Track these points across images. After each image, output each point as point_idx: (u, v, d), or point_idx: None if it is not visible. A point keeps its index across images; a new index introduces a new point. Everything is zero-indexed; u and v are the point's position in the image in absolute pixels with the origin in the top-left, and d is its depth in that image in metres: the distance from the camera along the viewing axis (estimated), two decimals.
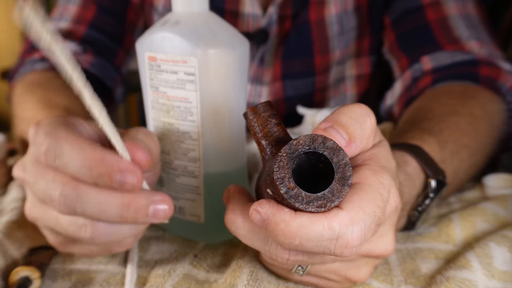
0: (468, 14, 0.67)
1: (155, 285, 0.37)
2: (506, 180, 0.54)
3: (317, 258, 0.31)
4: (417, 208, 0.44)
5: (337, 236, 0.27)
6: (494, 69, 0.61)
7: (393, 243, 0.33)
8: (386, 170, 0.32)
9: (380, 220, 0.29)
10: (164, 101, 0.41)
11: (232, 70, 0.40)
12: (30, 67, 0.70)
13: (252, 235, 0.31)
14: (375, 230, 0.29)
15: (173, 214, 0.45)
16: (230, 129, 0.42)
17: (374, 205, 0.29)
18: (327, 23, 0.72)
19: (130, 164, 0.30)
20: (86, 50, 0.71)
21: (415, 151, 0.44)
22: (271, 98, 0.77)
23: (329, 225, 0.27)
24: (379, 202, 0.29)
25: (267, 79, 0.76)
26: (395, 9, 0.71)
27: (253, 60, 0.75)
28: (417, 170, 0.43)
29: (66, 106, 0.58)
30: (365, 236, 0.28)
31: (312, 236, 0.27)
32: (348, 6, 0.72)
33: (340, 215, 0.28)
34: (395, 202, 0.32)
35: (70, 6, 0.74)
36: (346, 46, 0.75)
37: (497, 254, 0.39)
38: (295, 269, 0.33)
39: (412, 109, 0.59)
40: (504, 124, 0.59)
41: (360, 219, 0.28)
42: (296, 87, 0.76)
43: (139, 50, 0.42)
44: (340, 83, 0.79)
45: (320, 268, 0.34)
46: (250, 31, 0.72)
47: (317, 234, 0.27)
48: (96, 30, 0.73)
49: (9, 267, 0.40)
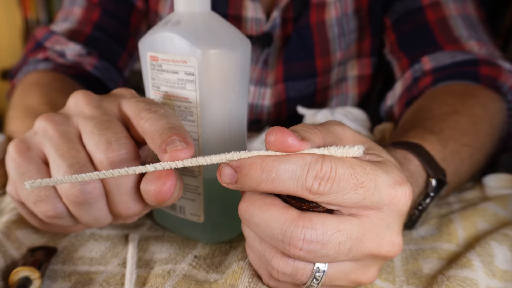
0: (467, 15, 0.67)
1: (155, 285, 0.37)
2: (506, 180, 0.54)
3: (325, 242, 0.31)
4: (418, 207, 0.44)
5: (309, 166, 0.29)
6: (495, 68, 0.61)
7: (399, 237, 0.33)
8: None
9: (359, 177, 0.30)
10: (165, 101, 0.41)
11: (232, 70, 0.40)
12: (33, 66, 0.70)
13: (267, 224, 0.31)
14: (352, 183, 0.30)
15: (173, 214, 0.45)
16: (230, 129, 0.42)
17: (352, 158, 0.31)
18: (327, 26, 0.73)
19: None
20: (90, 52, 0.71)
21: (416, 150, 0.44)
22: (274, 99, 0.77)
23: (302, 155, 0.30)
24: (357, 161, 0.31)
25: (271, 81, 0.76)
26: (395, 11, 0.72)
27: (257, 63, 0.75)
28: (419, 169, 0.44)
29: None
30: (336, 175, 0.29)
31: (287, 166, 0.30)
32: (348, 8, 0.73)
33: (313, 151, 0.30)
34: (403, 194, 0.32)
35: (75, 8, 0.75)
36: (347, 47, 0.75)
37: (498, 253, 0.39)
38: (310, 282, 0.33)
39: (413, 109, 0.59)
40: (505, 123, 0.59)
41: (333, 159, 0.30)
42: (298, 88, 0.77)
43: (141, 49, 0.42)
44: (341, 83, 0.80)
45: (334, 277, 0.33)
46: (253, 35, 0.73)
47: (291, 163, 0.30)
48: (101, 31, 0.74)
49: (9, 267, 0.40)
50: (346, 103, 0.82)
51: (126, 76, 0.79)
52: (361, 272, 0.33)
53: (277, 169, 0.30)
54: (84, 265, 0.41)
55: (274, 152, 0.31)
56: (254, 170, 0.30)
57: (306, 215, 0.30)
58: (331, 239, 0.30)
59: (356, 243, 0.31)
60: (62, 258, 0.42)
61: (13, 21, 2.40)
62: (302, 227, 0.30)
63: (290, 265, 0.32)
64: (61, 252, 0.43)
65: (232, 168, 0.31)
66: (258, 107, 0.79)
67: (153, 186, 0.34)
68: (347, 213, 0.32)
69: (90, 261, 0.42)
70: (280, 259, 0.32)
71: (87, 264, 0.41)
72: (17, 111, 0.61)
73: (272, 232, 0.31)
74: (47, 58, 0.70)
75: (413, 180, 0.42)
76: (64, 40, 0.71)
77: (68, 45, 0.71)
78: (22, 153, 0.37)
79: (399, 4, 0.71)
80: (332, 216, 0.31)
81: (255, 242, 0.34)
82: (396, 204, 0.32)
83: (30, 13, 2.35)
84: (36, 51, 0.72)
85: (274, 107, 0.78)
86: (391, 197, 0.31)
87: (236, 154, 0.31)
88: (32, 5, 2.34)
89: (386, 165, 0.32)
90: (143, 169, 0.33)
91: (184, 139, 0.33)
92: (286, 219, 0.30)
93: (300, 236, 0.30)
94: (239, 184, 0.31)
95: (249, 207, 0.32)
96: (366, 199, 0.31)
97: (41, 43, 0.72)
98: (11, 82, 0.74)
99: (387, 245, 0.32)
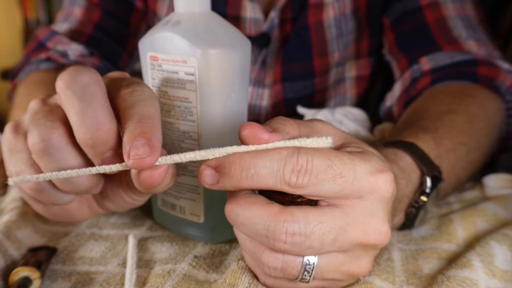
0: (466, 15, 0.67)
1: (155, 285, 0.37)
2: (506, 180, 0.54)
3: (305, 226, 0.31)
4: (414, 205, 0.44)
5: (285, 160, 0.30)
6: (493, 68, 0.61)
7: (386, 224, 0.33)
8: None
9: (336, 168, 0.30)
10: (165, 101, 0.41)
11: (232, 70, 0.40)
12: (35, 66, 0.70)
13: (251, 221, 0.32)
14: (330, 174, 0.30)
15: (173, 214, 0.45)
16: (230, 130, 0.42)
17: (328, 149, 0.31)
18: (325, 26, 0.73)
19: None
20: (92, 53, 0.72)
21: (409, 148, 0.44)
22: (272, 100, 0.77)
23: (278, 150, 0.31)
24: (333, 152, 0.31)
25: (269, 81, 0.76)
26: (394, 11, 0.72)
27: (255, 63, 0.75)
28: (411, 165, 0.43)
29: None
30: (314, 167, 0.30)
31: (264, 161, 0.30)
32: (346, 9, 0.73)
33: (288, 144, 0.31)
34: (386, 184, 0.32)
35: (75, 8, 0.76)
36: (345, 48, 0.75)
37: (498, 253, 0.39)
38: (302, 275, 0.33)
39: (410, 109, 0.59)
40: (503, 123, 0.59)
41: (308, 151, 0.30)
42: (296, 89, 0.76)
43: (141, 49, 0.42)
44: (340, 83, 0.80)
45: (325, 269, 0.33)
46: (252, 35, 0.73)
47: (268, 159, 0.30)
48: (101, 31, 0.74)
49: (9, 267, 0.40)
50: (344, 104, 0.82)
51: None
52: (352, 263, 0.33)
53: (255, 165, 0.30)
54: (84, 265, 0.41)
55: (247, 147, 0.31)
56: (234, 168, 0.31)
57: (288, 209, 0.31)
58: (313, 230, 0.31)
59: (340, 233, 0.31)
60: (62, 258, 0.42)
61: (13, 21, 2.40)
62: (284, 221, 0.31)
63: (280, 260, 0.33)
64: (61, 252, 0.43)
65: (212, 168, 0.32)
66: (256, 107, 0.79)
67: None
68: (329, 204, 0.32)
69: (90, 261, 0.42)
70: (269, 254, 0.33)
71: (87, 264, 0.41)
72: (20, 109, 0.61)
73: (256, 228, 0.32)
74: (49, 58, 0.71)
75: (404, 175, 0.42)
76: (67, 40, 0.71)
77: (71, 45, 0.71)
78: (13, 130, 0.37)
79: (398, 4, 0.71)
80: (314, 208, 0.31)
81: (246, 242, 0.34)
82: (378, 192, 0.32)
83: (30, 13, 2.35)
84: (38, 51, 0.72)
85: (272, 108, 0.78)
86: (372, 185, 0.31)
87: (210, 151, 0.32)
88: (32, 5, 2.34)
89: (366, 154, 0.33)
90: (113, 168, 0.34)
91: (149, 141, 0.32)
92: (268, 215, 0.31)
93: (282, 229, 0.31)
94: (221, 184, 0.32)
95: (234, 206, 0.32)
96: (346, 189, 0.31)
97: (43, 43, 0.72)
98: (12, 82, 0.74)
99: (374, 232, 0.32)
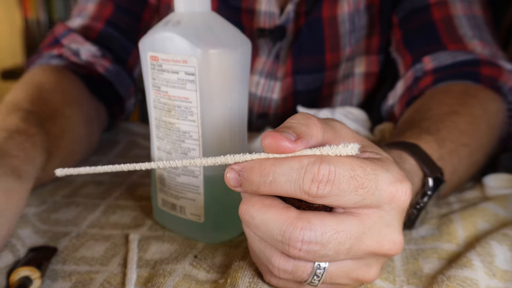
0: (474, 15, 0.67)
1: (155, 285, 0.37)
2: (506, 180, 0.54)
3: (328, 244, 0.31)
4: (416, 206, 0.44)
5: (305, 169, 0.30)
6: (496, 68, 0.61)
7: (400, 235, 0.33)
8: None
9: (359, 179, 0.30)
10: (166, 101, 0.41)
11: (232, 70, 0.40)
12: (46, 60, 0.70)
13: (267, 225, 0.31)
14: (353, 185, 0.30)
15: (173, 213, 0.45)
16: (230, 129, 0.42)
17: (352, 158, 0.30)
18: (339, 21, 0.73)
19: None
20: (105, 55, 0.72)
21: (412, 149, 0.44)
22: (282, 93, 0.78)
23: (299, 159, 0.30)
24: (357, 161, 0.30)
25: (281, 74, 0.76)
26: (403, 8, 0.72)
27: (269, 56, 0.75)
28: (415, 168, 0.43)
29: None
30: (336, 177, 0.29)
31: (283, 169, 0.30)
32: (361, 4, 0.73)
33: (309, 152, 0.30)
34: (402, 192, 0.32)
35: (89, 4, 0.76)
36: (356, 43, 0.75)
37: (498, 253, 0.39)
38: (311, 279, 0.33)
39: (412, 109, 0.59)
40: (504, 124, 0.59)
41: (331, 161, 0.30)
42: (306, 82, 0.77)
43: (141, 49, 0.42)
44: (348, 78, 0.80)
45: (335, 274, 0.33)
46: (266, 28, 0.73)
47: (288, 167, 0.30)
48: (112, 27, 0.74)
49: (11, 266, 0.40)
50: (351, 100, 0.82)
51: (136, 76, 0.79)
52: (362, 271, 0.33)
53: (274, 173, 0.30)
54: (84, 265, 0.41)
55: (273, 154, 0.31)
56: (254, 173, 0.31)
57: (304, 216, 0.30)
58: (330, 239, 0.30)
59: (356, 243, 0.31)
60: (63, 258, 0.42)
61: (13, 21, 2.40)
62: (300, 229, 0.30)
63: (291, 263, 0.32)
64: (61, 252, 0.43)
65: (236, 172, 0.32)
66: (267, 100, 0.79)
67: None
68: (346, 211, 0.32)
69: (91, 261, 0.42)
70: (280, 257, 0.32)
71: (88, 264, 0.41)
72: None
73: (271, 233, 0.31)
74: (61, 55, 0.71)
75: (409, 179, 0.42)
76: (81, 39, 0.71)
77: (85, 45, 0.71)
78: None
79: (407, 2, 0.71)
80: (331, 215, 0.31)
81: (255, 241, 0.34)
82: (396, 202, 0.32)
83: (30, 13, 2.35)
84: (52, 46, 0.72)
85: (282, 101, 0.78)
86: (391, 195, 0.31)
87: (231, 157, 0.32)
88: (32, 5, 2.34)
89: (386, 163, 0.32)
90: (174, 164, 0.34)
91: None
92: (284, 220, 0.31)
93: (298, 237, 0.30)
94: (243, 188, 0.32)
95: (249, 208, 0.32)
96: (366, 199, 0.31)
97: (59, 40, 0.72)
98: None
99: (388, 243, 0.32)
